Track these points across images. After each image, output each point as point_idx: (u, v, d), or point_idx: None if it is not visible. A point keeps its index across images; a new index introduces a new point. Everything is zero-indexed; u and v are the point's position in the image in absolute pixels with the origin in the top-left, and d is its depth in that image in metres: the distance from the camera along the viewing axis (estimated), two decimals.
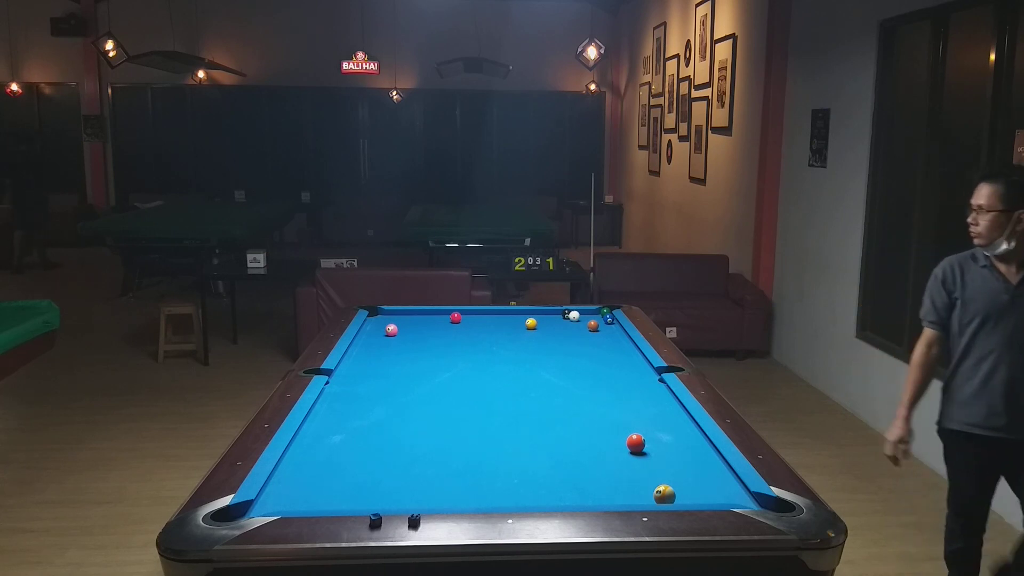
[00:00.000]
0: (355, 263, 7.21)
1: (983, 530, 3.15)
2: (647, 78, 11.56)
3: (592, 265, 7.58)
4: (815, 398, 6.11)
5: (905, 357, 5.09)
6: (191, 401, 5.89)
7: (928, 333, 3.10)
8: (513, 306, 5.15)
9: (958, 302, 2.98)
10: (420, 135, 14.18)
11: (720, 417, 2.70)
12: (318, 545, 1.85)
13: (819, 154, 6.19)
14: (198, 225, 8.92)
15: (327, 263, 7.06)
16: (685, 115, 9.49)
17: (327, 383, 3.11)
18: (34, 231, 11.15)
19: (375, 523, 1.90)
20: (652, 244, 11.45)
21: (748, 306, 6.92)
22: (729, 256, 7.67)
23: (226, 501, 2.04)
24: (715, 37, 8.36)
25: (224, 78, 13.53)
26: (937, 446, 4.72)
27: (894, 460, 3.15)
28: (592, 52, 10.50)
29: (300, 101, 13.75)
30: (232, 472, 2.21)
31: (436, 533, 1.89)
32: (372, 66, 12.53)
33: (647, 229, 11.86)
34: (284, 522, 1.93)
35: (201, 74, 13.38)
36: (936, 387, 4.72)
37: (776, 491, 2.11)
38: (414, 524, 1.90)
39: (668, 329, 6.56)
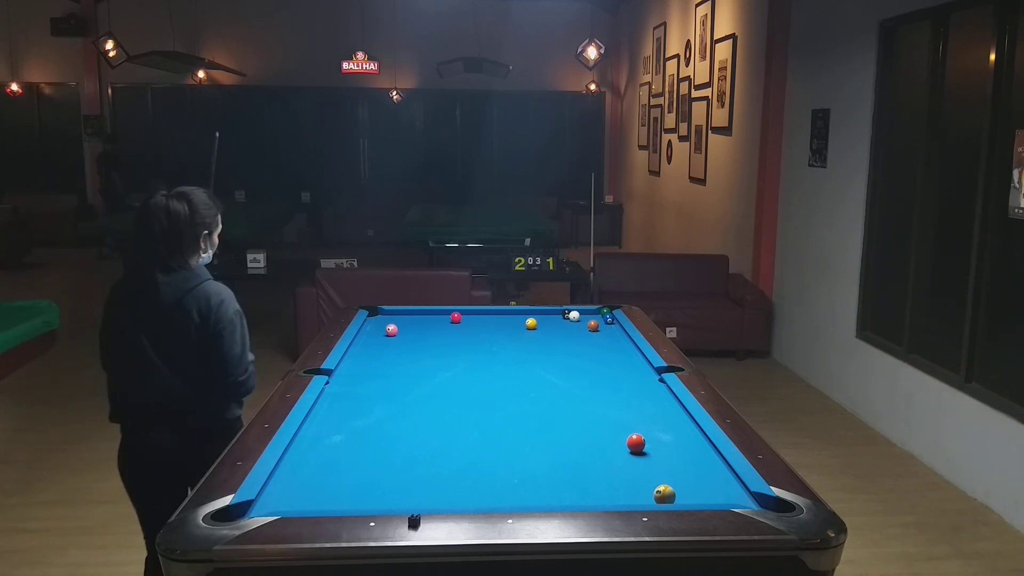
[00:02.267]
0: (355, 263, 7.21)
1: None
2: (647, 78, 11.56)
3: (592, 265, 7.58)
4: (815, 398, 6.11)
5: (905, 357, 5.10)
6: None
7: None
8: (513, 306, 5.15)
9: None
10: (420, 135, 14.18)
11: (720, 417, 2.69)
12: (318, 545, 1.85)
13: (819, 154, 6.19)
14: None
15: (327, 263, 7.06)
16: (685, 115, 9.50)
17: (327, 383, 3.10)
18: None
19: (414, 522, 1.90)
20: (652, 244, 11.45)
21: (748, 306, 6.92)
22: (729, 256, 7.67)
23: (226, 501, 2.03)
24: (715, 37, 8.36)
25: (224, 78, 13.53)
26: (937, 446, 4.74)
27: None
28: (592, 52, 10.50)
29: (300, 101, 13.76)
30: (232, 472, 2.21)
31: (436, 533, 1.89)
32: (372, 66, 12.54)
33: (647, 229, 11.86)
34: (284, 522, 1.93)
35: (201, 74, 13.39)
36: (938, 386, 4.73)
37: (776, 491, 2.11)
38: (414, 524, 1.90)
39: (668, 329, 6.56)
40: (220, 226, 2.81)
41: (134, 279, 2.67)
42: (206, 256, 2.75)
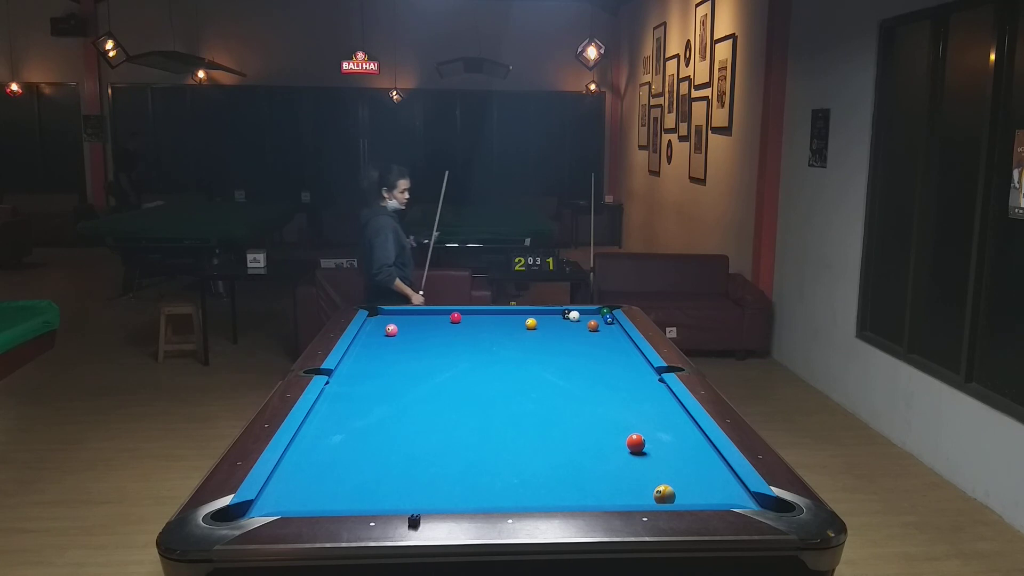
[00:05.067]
0: (355, 263, 7.20)
1: None
2: (647, 78, 11.56)
3: (592, 265, 7.57)
4: (815, 398, 6.10)
5: (905, 357, 5.10)
6: (191, 401, 5.89)
7: None
8: (513, 306, 5.15)
9: None
10: (420, 135, 14.18)
11: (720, 417, 2.69)
12: (318, 545, 1.85)
13: (819, 154, 6.19)
14: (198, 225, 8.92)
15: (327, 263, 7.06)
16: (685, 115, 9.50)
17: (327, 383, 3.11)
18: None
19: (414, 522, 1.90)
20: (652, 244, 11.45)
21: (748, 306, 6.92)
22: (729, 256, 7.67)
23: (226, 501, 2.03)
24: (715, 37, 8.36)
25: (224, 78, 13.53)
26: (937, 446, 4.75)
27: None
28: (592, 52, 10.51)
29: (300, 101, 13.76)
30: (232, 472, 2.21)
31: (436, 533, 1.89)
32: (372, 66, 12.53)
33: (647, 229, 11.86)
34: (284, 522, 1.93)
35: (201, 74, 13.38)
36: (938, 386, 4.73)
37: (776, 491, 2.11)
38: (414, 524, 1.90)
39: (668, 329, 6.56)
40: (399, 185, 4.96)
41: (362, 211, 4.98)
42: (392, 202, 4.99)
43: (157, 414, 5.63)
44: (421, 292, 5.11)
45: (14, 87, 13.21)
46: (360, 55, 12.43)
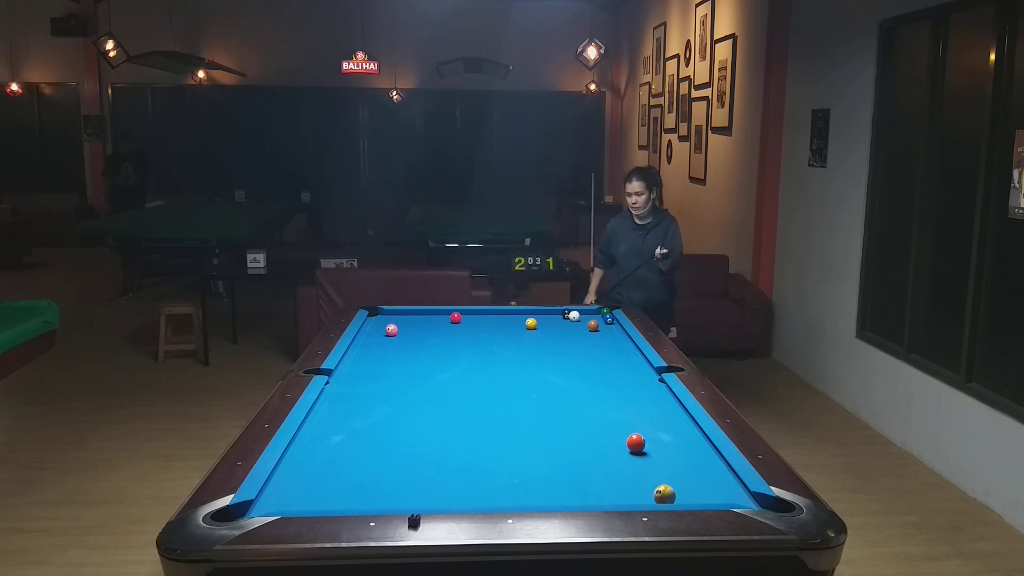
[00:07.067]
0: (355, 263, 7.20)
1: None
2: (647, 78, 11.56)
3: (592, 265, 7.56)
4: (815, 398, 6.10)
5: (905, 357, 5.10)
6: (191, 401, 5.89)
7: None
8: (513, 306, 5.16)
9: None
10: (420, 135, 14.17)
11: (720, 417, 2.70)
12: (318, 545, 1.85)
13: (819, 154, 6.19)
14: (198, 225, 8.92)
15: (327, 263, 7.05)
16: (685, 115, 9.50)
17: (327, 383, 3.11)
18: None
19: (414, 522, 1.90)
20: None
21: (748, 306, 6.92)
22: (729, 256, 7.67)
23: (226, 501, 2.03)
24: (715, 37, 8.36)
25: (224, 78, 13.53)
26: (937, 446, 4.75)
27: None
28: (592, 52, 10.50)
29: (300, 101, 13.76)
30: (232, 472, 2.21)
31: (436, 533, 1.89)
32: (372, 66, 12.52)
33: None
34: (284, 522, 1.93)
35: (201, 74, 13.38)
36: (938, 386, 4.73)
37: (776, 491, 2.11)
38: (414, 524, 1.90)
39: (668, 329, 6.55)
40: (625, 189, 5.16)
41: None
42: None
43: (157, 414, 5.63)
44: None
45: (14, 87, 13.21)
46: (360, 55, 12.42)
